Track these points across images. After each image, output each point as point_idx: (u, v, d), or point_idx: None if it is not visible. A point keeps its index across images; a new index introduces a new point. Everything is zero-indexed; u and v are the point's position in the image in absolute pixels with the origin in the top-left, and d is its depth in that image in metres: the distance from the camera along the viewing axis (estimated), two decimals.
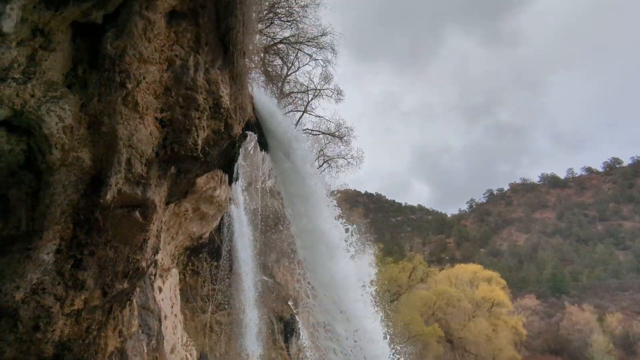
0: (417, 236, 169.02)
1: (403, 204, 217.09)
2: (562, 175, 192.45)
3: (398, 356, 11.16)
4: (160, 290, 11.81)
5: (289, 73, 29.36)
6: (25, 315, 5.33)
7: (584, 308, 73.13)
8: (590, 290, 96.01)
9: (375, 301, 10.97)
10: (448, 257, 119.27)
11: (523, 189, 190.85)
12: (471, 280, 51.53)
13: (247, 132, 11.28)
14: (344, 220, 11.89)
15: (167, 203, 10.73)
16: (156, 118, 7.06)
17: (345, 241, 10.68)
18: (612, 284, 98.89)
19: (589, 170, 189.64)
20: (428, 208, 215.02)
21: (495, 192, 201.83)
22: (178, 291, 13.39)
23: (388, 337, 10.86)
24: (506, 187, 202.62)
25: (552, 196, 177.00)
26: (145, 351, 8.38)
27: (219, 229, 15.85)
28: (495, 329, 43.63)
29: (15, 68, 5.35)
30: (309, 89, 30.68)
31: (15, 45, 5.19)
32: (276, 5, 25.18)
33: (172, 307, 12.67)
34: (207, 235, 15.37)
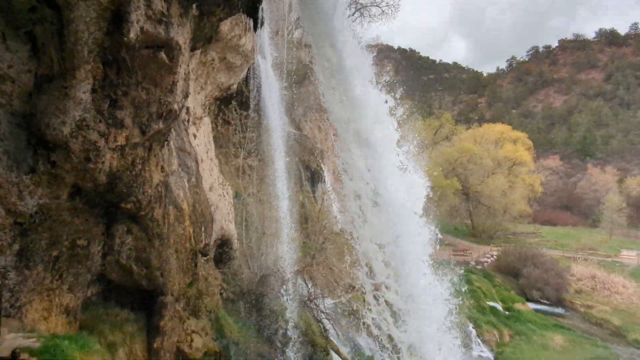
0: (449, 95, 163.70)
1: (437, 61, 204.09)
2: (623, 31, 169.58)
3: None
4: (195, 136, 12.50)
5: None
6: (75, 148, 5.87)
7: (606, 170, 73.73)
8: (618, 154, 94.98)
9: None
10: (477, 117, 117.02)
11: (573, 46, 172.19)
12: (497, 140, 51.42)
13: None
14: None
15: (193, 49, 10.48)
16: None
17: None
18: None
19: None
20: (463, 66, 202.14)
21: (541, 50, 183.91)
22: (211, 138, 14.15)
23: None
24: (555, 44, 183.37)
25: (605, 55, 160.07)
26: (187, 186, 9.36)
27: (246, 80, 15.73)
28: (512, 186, 45.44)
29: None
30: None
31: None
32: None
33: (207, 152, 13.59)
34: (235, 86, 15.38)
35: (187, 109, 11.58)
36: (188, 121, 11.66)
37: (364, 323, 11.23)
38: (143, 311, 7.96)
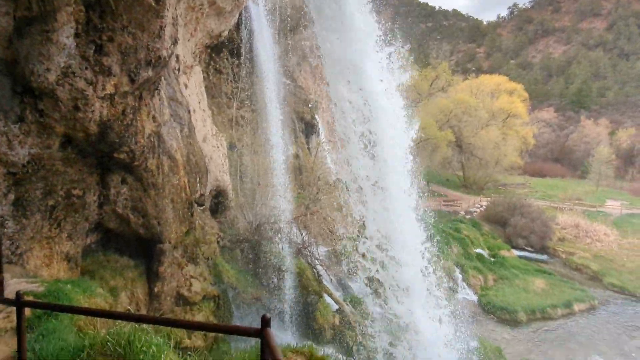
0: (447, 44, 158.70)
1: (436, 8, 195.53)
2: None
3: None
4: (186, 86, 12.18)
5: None
6: (63, 96, 5.74)
7: (599, 122, 73.81)
8: (613, 107, 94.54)
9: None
10: (474, 68, 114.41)
11: None
12: (493, 91, 50.68)
13: None
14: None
15: None
16: None
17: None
18: (637, 101, 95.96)
19: None
20: (463, 13, 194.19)
21: None
22: (203, 88, 13.80)
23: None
24: None
25: (609, 2, 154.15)
26: (180, 137, 9.28)
27: (237, 27, 15.08)
28: (505, 138, 45.50)
29: None
30: None
31: None
32: None
33: (200, 102, 13.31)
34: (225, 33, 14.74)
35: (177, 57, 11.19)
36: (178, 70, 11.32)
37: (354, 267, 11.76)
38: (142, 258, 8.22)
